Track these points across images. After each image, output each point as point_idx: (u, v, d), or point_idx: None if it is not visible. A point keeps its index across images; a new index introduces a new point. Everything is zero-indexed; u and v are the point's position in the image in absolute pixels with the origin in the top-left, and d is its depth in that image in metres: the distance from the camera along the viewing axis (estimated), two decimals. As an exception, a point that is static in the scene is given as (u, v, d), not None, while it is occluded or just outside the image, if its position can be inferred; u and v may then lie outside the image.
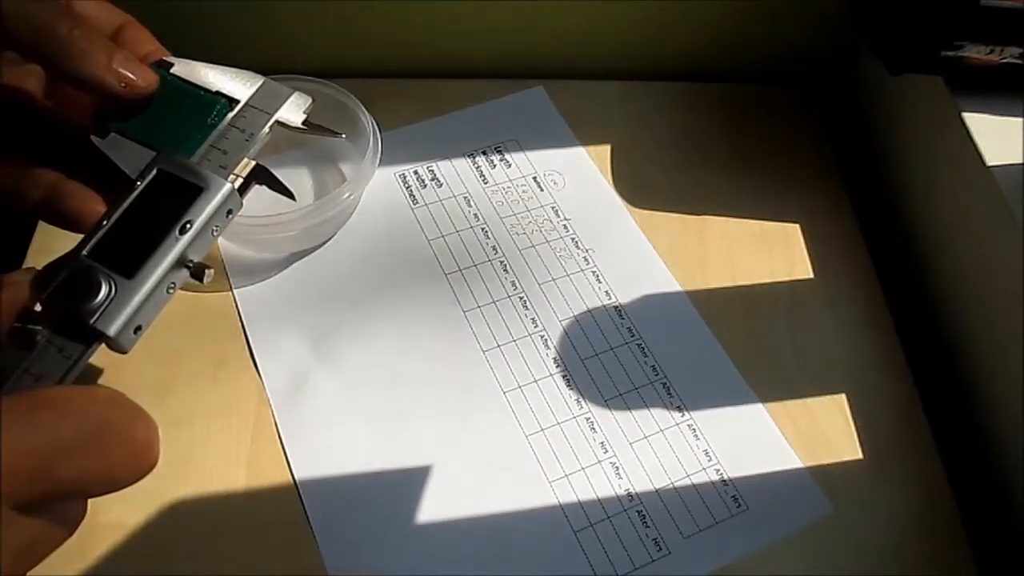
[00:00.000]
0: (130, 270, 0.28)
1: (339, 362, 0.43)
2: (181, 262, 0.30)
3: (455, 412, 0.42)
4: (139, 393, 0.23)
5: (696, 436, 0.42)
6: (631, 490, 0.40)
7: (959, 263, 0.46)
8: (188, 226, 0.30)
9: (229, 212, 0.31)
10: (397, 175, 0.50)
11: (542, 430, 0.42)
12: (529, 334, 0.45)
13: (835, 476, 0.41)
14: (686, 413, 0.43)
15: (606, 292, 0.46)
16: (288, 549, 0.37)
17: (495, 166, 0.51)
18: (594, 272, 0.47)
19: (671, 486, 0.40)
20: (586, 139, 0.53)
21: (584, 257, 0.48)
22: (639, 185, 0.51)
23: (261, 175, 0.33)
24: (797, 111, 0.55)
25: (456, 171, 0.51)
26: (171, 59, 0.34)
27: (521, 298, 0.46)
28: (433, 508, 0.39)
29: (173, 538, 0.38)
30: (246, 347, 0.43)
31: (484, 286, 0.46)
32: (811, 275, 0.48)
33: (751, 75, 0.56)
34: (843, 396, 0.44)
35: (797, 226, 0.50)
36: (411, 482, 0.39)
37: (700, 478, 0.41)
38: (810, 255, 0.49)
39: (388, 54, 0.54)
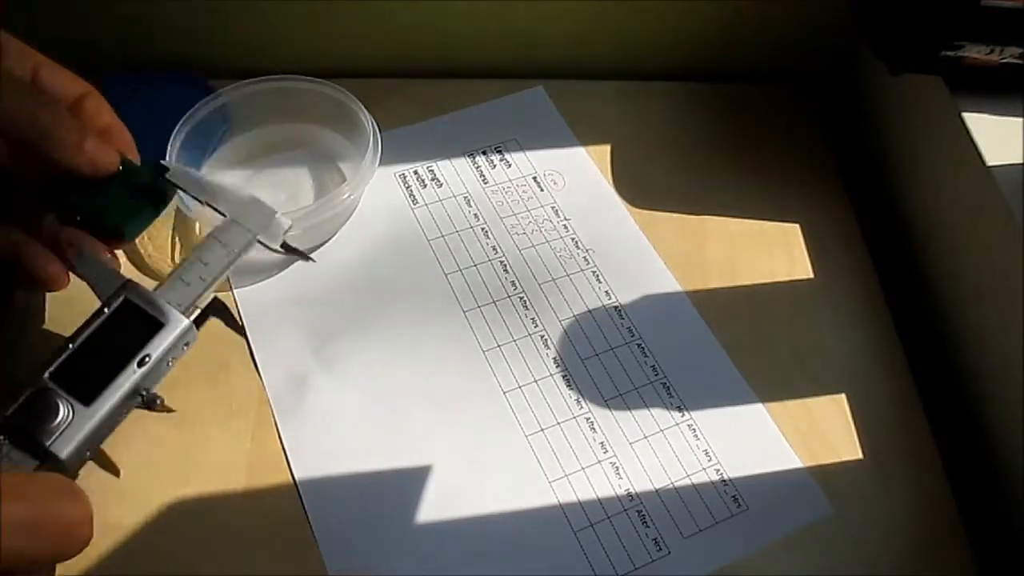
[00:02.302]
0: (88, 397, 0.31)
1: (339, 362, 0.43)
2: (136, 391, 0.32)
3: (455, 412, 0.42)
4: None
5: (696, 436, 0.42)
6: (631, 490, 0.40)
7: (959, 263, 0.46)
8: (146, 359, 0.32)
9: (186, 344, 0.34)
10: (397, 175, 0.50)
11: (542, 430, 0.42)
12: (529, 334, 0.45)
13: (835, 476, 0.41)
14: (686, 413, 0.43)
15: (606, 292, 0.46)
16: (288, 549, 0.37)
17: (495, 166, 0.51)
18: (594, 272, 0.47)
19: (671, 486, 0.40)
20: (586, 139, 0.53)
21: (584, 257, 0.48)
22: (639, 185, 0.51)
23: (218, 310, 0.37)
24: (797, 111, 0.55)
25: (456, 171, 0.51)
26: (167, 163, 0.37)
27: (521, 298, 0.46)
28: (433, 508, 0.39)
29: (173, 538, 0.38)
30: (246, 347, 0.43)
31: (484, 286, 0.46)
32: (811, 275, 0.48)
33: (751, 75, 0.56)
34: (843, 396, 0.44)
35: (797, 226, 0.50)
36: (411, 482, 0.39)
37: (700, 478, 0.41)
38: (810, 255, 0.49)
39: (388, 54, 0.54)
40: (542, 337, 0.45)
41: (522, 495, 0.40)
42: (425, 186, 0.50)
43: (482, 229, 0.48)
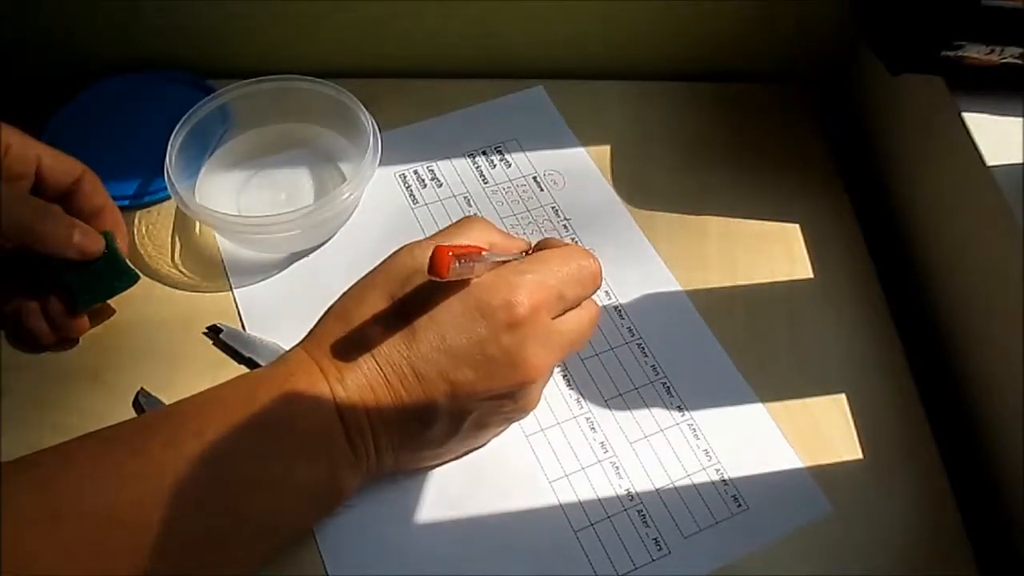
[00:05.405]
0: None
1: (339, 362, 0.43)
2: None
3: (455, 412, 0.42)
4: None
5: (696, 436, 0.42)
6: (631, 490, 0.40)
7: (959, 263, 0.46)
8: None
9: None
10: (397, 175, 0.50)
11: (542, 430, 0.42)
12: (529, 334, 0.44)
13: (835, 476, 0.41)
14: (686, 413, 0.43)
15: (606, 292, 0.46)
16: (288, 549, 0.37)
17: (495, 166, 0.51)
18: (594, 272, 0.47)
19: (671, 486, 0.40)
20: (586, 139, 0.53)
21: (584, 257, 0.48)
22: (639, 185, 0.51)
23: None
24: (797, 111, 0.55)
25: (456, 171, 0.51)
26: (222, 325, 0.42)
27: (521, 298, 0.46)
28: (433, 508, 0.39)
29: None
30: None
31: (484, 286, 0.46)
32: (811, 275, 0.48)
33: (751, 75, 0.57)
34: (843, 396, 0.44)
35: (797, 226, 0.50)
36: (411, 482, 0.39)
37: (700, 478, 0.41)
38: (810, 255, 0.49)
39: (388, 54, 0.54)
40: (542, 337, 0.44)
41: (522, 495, 0.40)
42: (425, 186, 0.50)
43: (482, 229, 0.48)
